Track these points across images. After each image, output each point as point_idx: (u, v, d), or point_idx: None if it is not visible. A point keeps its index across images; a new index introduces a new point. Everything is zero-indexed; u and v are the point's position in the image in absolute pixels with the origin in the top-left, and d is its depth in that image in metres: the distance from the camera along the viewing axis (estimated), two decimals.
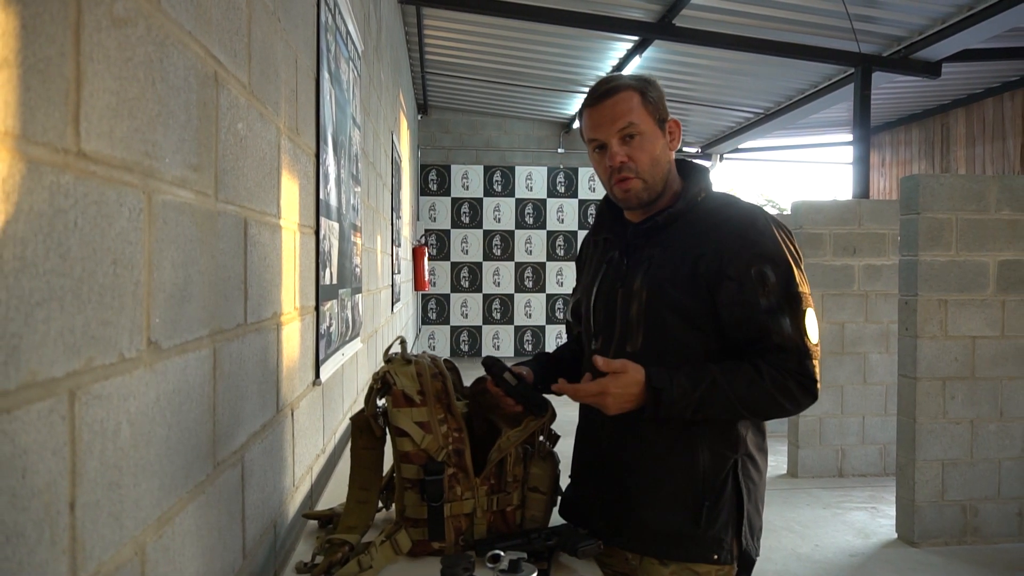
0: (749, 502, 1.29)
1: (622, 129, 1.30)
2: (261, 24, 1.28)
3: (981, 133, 8.14)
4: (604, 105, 1.31)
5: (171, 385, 0.85)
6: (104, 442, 0.68)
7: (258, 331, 1.26)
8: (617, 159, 1.30)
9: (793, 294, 1.25)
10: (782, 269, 1.26)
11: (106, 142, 0.69)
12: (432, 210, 9.76)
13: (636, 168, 1.31)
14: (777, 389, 1.24)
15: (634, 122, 1.30)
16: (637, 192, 1.32)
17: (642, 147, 1.31)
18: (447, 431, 1.31)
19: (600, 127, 1.32)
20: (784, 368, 1.24)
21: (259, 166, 1.26)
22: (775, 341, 1.24)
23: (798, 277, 1.27)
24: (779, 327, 1.24)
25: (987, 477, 3.67)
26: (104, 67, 0.68)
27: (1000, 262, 3.66)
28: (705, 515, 1.27)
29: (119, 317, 0.71)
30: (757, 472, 1.32)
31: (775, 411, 1.27)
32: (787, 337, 1.24)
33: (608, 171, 1.33)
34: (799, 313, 1.25)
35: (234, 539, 1.12)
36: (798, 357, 1.24)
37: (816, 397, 1.27)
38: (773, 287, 1.25)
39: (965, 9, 4.94)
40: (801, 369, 1.25)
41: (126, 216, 0.73)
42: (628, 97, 1.31)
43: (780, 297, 1.25)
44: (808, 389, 1.25)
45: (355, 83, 2.60)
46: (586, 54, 6.92)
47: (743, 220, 1.29)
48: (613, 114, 1.30)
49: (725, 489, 1.28)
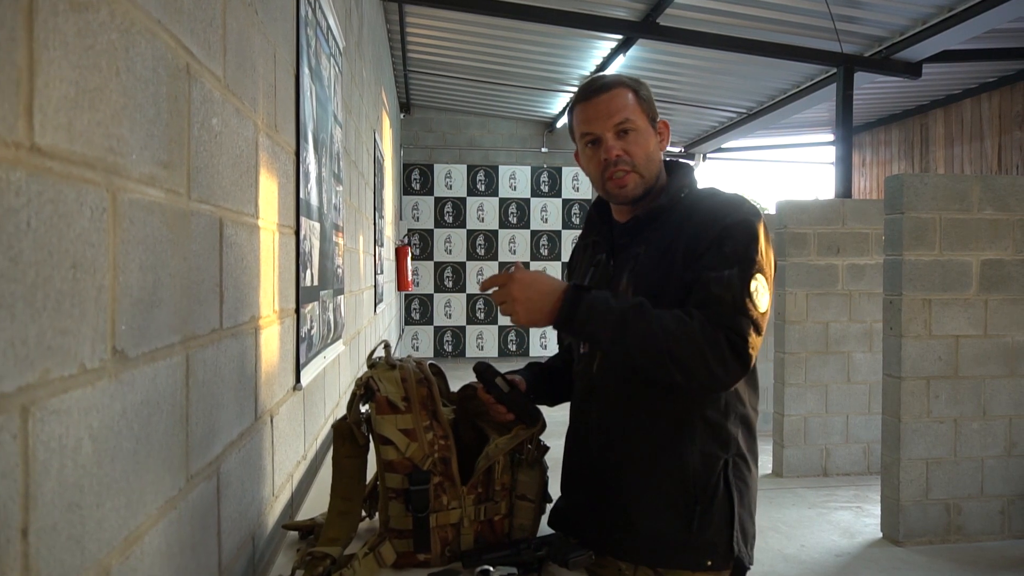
0: (741, 506, 1.26)
1: (618, 124, 1.28)
2: (237, 15, 1.22)
3: (959, 133, 8.22)
4: (599, 100, 1.29)
5: (139, 396, 0.80)
6: (63, 460, 0.63)
7: (235, 336, 1.20)
8: (614, 152, 1.28)
9: (749, 257, 1.19)
10: (747, 235, 1.21)
11: (64, 136, 0.64)
12: (415, 209, 9.69)
13: (632, 162, 1.29)
14: (705, 337, 1.13)
15: (630, 118, 1.28)
16: (632, 187, 1.30)
17: (637, 142, 1.29)
18: (433, 438, 1.26)
19: (595, 121, 1.29)
20: (717, 321, 1.15)
21: (235, 164, 1.21)
22: (713, 291, 1.16)
23: (761, 254, 1.20)
24: (720, 278, 1.17)
25: (970, 475, 3.69)
26: (61, 54, 0.63)
27: (983, 261, 3.68)
28: (697, 519, 1.23)
29: (80, 325, 0.66)
30: (749, 474, 1.29)
31: (700, 363, 1.13)
32: (725, 287, 1.16)
33: (602, 165, 1.29)
34: (748, 272, 1.18)
35: (209, 555, 1.07)
36: (733, 311, 1.15)
37: (746, 366, 1.16)
38: (735, 247, 1.19)
39: (946, 10, 4.97)
40: (733, 324, 1.15)
41: (87, 216, 0.68)
42: (623, 93, 1.29)
43: (734, 257, 1.18)
44: (737, 349, 1.14)
45: (336, 80, 2.55)
46: (570, 53, 6.89)
47: (720, 203, 1.27)
48: (609, 109, 1.28)
49: (717, 491, 1.24)
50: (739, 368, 1.16)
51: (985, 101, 7.82)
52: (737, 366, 1.15)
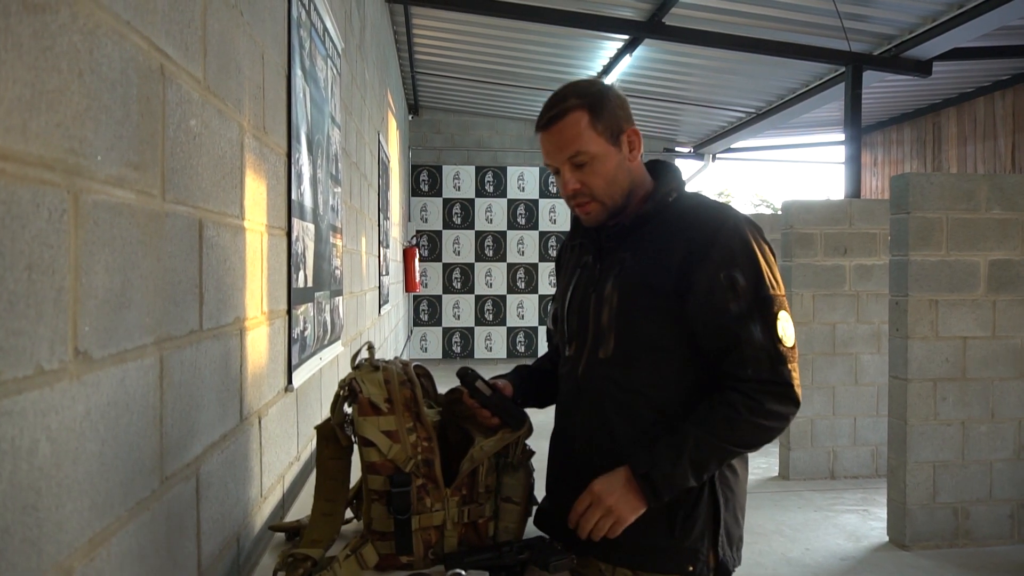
0: (727, 511, 1.25)
1: (571, 157, 1.25)
2: (219, 17, 1.22)
3: (972, 132, 8.13)
4: (552, 131, 1.26)
5: (105, 397, 0.80)
6: (16, 462, 0.63)
7: (216, 337, 1.20)
8: (569, 187, 1.27)
9: (764, 298, 1.20)
10: (751, 272, 1.21)
11: (17, 137, 0.63)
12: (424, 211, 9.70)
13: (591, 192, 1.27)
14: (756, 415, 1.19)
15: (582, 150, 1.24)
16: (596, 214, 1.30)
17: (594, 171, 1.26)
18: (416, 440, 1.25)
19: (551, 154, 1.28)
20: (758, 385, 1.19)
21: (217, 165, 1.21)
22: (747, 352, 1.19)
23: (768, 279, 1.22)
24: (750, 335, 1.19)
25: (979, 479, 3.64)
26: (15, 56, 0.63)
27: (991, 262, 3.63)
28: (680, 525, 1.22)
29: (36, 327, 0.66)
30: (735, 479, 1.28)
31: (766, 435, 1.21)
32: (759, 346, 1.19)
33: (565, 194, 1.30)
34: (770, 317, 1.20)
35: (187, 556, 1.07)
36: (771, 364, 1.19)
37: (798, 402, 1.22)
38: (743, 291, 1.20)
39: (955, 7, 4.92)
40: (775, 376, 1.20)
41: (44, 217, 0.68)
42: (575, 121, 1.24)
43: (750, 302, 1.20)
44: (786, 396, 1.20)
45: (334, 81, 2.55)
46: (577, 53, 6.88)
47: (712, 223, 1.24)
48: (560, 141, 1.25)
49: (701, 497, 1.23)
50: (792, 407, 1.22)
51: (999, 99, 7.72)
52: (790, 408, 1.22)
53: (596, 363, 1.28)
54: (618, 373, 1.26)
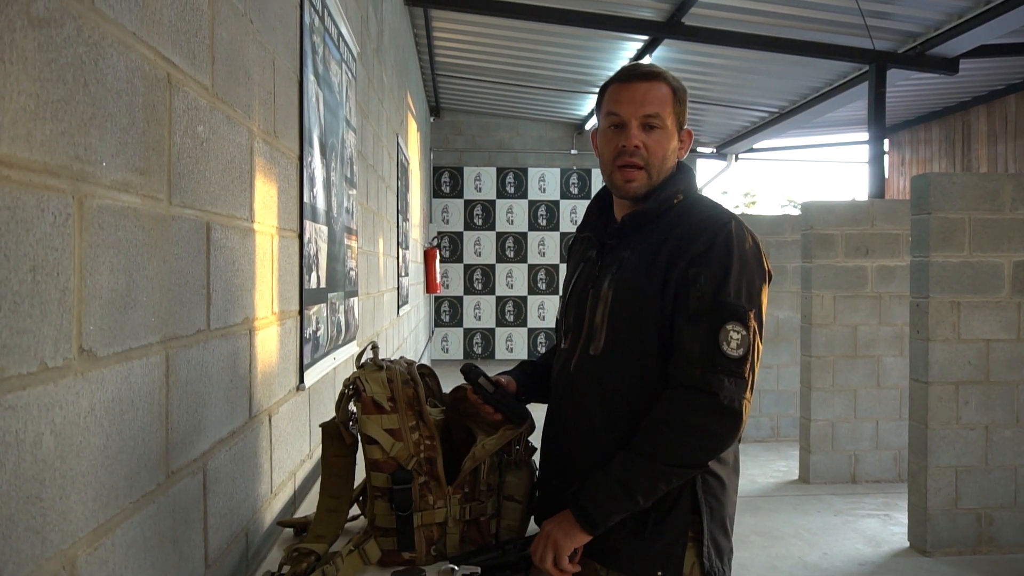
0: (712, 521, 1.23)
1: (648, 116, 1.27)
2: (228, 25, 1.26)
3: (1003, 131, 7.96)
4: (638, 86, 1.29)
5: (110, 393, 0.83)
6: (20, 454, 0.66)
7: (224, 337, 1.24)
8: (633, 141, 1.27)
9: (720, 303, 1.17)
10: (717, 275, 1.19)
11: (22, 145, 0.67)
12: (445, 212, 9.76)
13: (647, 158, 1.28)
14: (674, 427, 1.16)
15: (660, 113, 1.28)
16: (639, 185, 1.30)
17: (658, 140, 1.29)
18: (419, 438, 1.28)
19: (626, 104, 1.28)
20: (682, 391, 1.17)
21: (226, 169, 1.24)
22: (683, 354, 1.18)
23: (734, 287, 1.18)
24: (691, 337, 1.17)
25: (1003, 484, 3.57)
26: (20, 68, 0.66)
27: (1016, 263, 3.56)
28: (650, 528, 1.21)
29: (40, 325, 0.69)
30: (722, 489, 1.25)
31: (694, 452, 1.17)
32: (694, 350, 1.16)
33: (616, 151, 1.29)
34: (718, 323, 1.16)
35: (193, 548, 1.10)
36: (702, 370, 1.16)
37: (732, 415, 1.15)
38: (702, 292, 1.18)
39: (982, 3, 4.83)
40: (701, 383, 1.15)
41: (49, 221, 0.71)
42: (662, 87, 1.29)
43: (705, 304, 1.18)
44: (710, 406, 1.15)
45: (349, 85, 2.59)
46: (597, 54, 6.87)
47: (701, 223, 1.25)
48: (645, 97, 1.28)
49: (676, 505, 1.21)
50: (720, 419, 1.16)
51: None
52: (716, 421, 1.16)
53: (586, 359, 1.30)
54: (604, 371, 1.27)
